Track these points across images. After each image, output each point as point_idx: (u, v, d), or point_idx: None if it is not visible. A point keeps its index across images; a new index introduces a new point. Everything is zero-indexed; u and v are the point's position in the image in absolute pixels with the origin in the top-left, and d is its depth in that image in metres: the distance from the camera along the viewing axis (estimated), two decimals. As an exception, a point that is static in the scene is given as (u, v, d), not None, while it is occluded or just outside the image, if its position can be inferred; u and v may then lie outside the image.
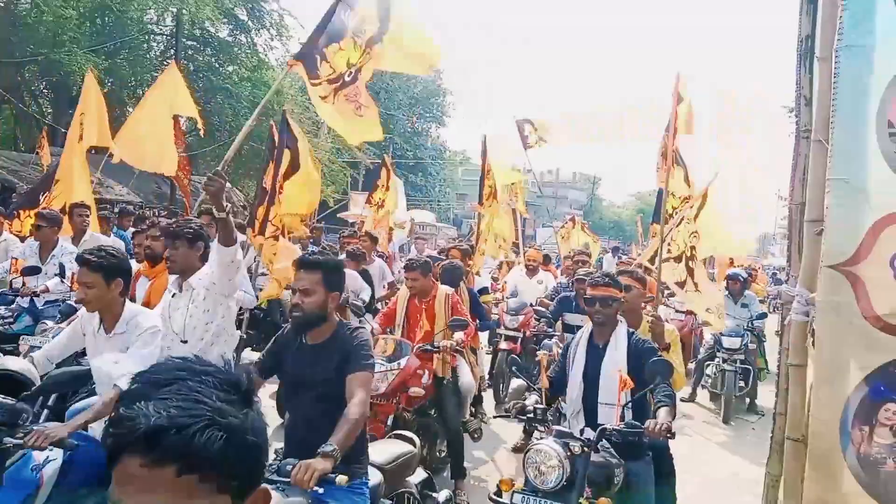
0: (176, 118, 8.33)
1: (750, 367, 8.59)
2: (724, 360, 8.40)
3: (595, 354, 3.93)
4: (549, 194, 62.65)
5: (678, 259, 7.38)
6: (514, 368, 4.18)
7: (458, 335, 5.28)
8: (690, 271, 7.30)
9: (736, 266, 21.12)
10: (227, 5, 19.98)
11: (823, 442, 2.49)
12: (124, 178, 16.19)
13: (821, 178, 2.64)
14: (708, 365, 8.82)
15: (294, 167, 6.38)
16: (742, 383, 8.66)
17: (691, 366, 9.85)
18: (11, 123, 20.61)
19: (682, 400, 8.72)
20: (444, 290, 5.67)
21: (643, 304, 5.54)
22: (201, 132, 11.23)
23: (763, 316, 9.23)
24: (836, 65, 2.50)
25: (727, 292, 8.92)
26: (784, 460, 2.93)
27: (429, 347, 5.28)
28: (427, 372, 5.24)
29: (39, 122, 17.83)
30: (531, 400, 3.91)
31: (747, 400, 8.95)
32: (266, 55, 23.23)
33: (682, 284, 7.42)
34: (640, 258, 7.63)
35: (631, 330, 4.01)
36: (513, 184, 10.24)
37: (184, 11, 16.47)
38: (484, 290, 7.81)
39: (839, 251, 2.46)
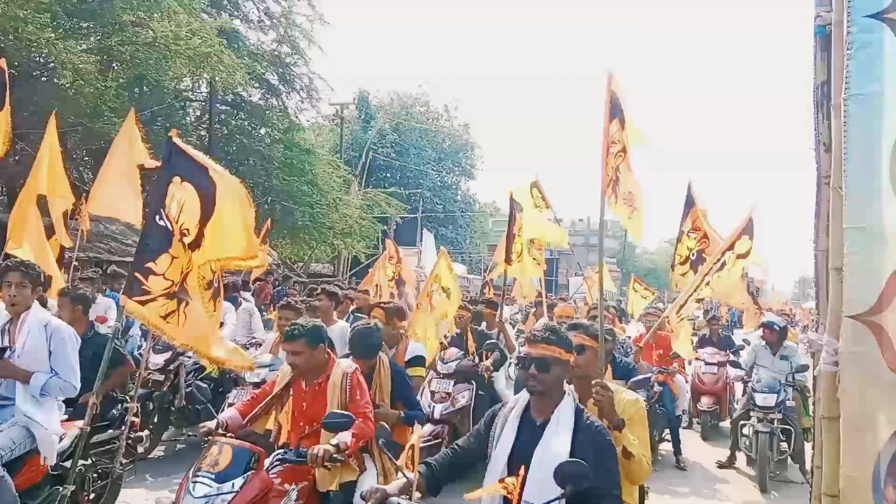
0: (140, 167, 8.21)
1: (791, 427, 7.67)
2: (759, 420, 7.59)
3: (529, 433, 2.98)
4: (580, 243, 62.51)
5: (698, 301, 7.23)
6: None
7: (342, 436, 3.77)
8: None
9: (770, 311, 20.37)
10: (258, 70, 20.61)
11: (855, 500, 2.39)
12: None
13: (840, 225, 2.61)
14: (744, 425, 7.96)
15: (207, 209, 4.79)
16: (784, 444, 7.77)
17: (725, 424, 9.42)
18: (54, 191, 21.33)
19: (718, 466, 8.29)
20: (342, 366, 4.19)
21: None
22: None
23: (804, 368, 7.95)
24: (845, 113, 2.49)
25: (763, 343, 8.31)
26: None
27: (291, 458, 3.89)
28: (296, 489, 3.74)
29: (80, 188, 18.40)
30: (391, 487, 2.87)
31: (790, 462, 8.01)
32: (297, 117, 23.81)
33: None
34: (668, 311, 7.13)
35: (581, 406, 3.08)
36: (532, 240, 9.95)
37: (216, 78, 17.01)
38: (417, 360, 6.36)
39: (860, 301, 2.41)
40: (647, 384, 5.69)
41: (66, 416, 4.76)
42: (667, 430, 8.42)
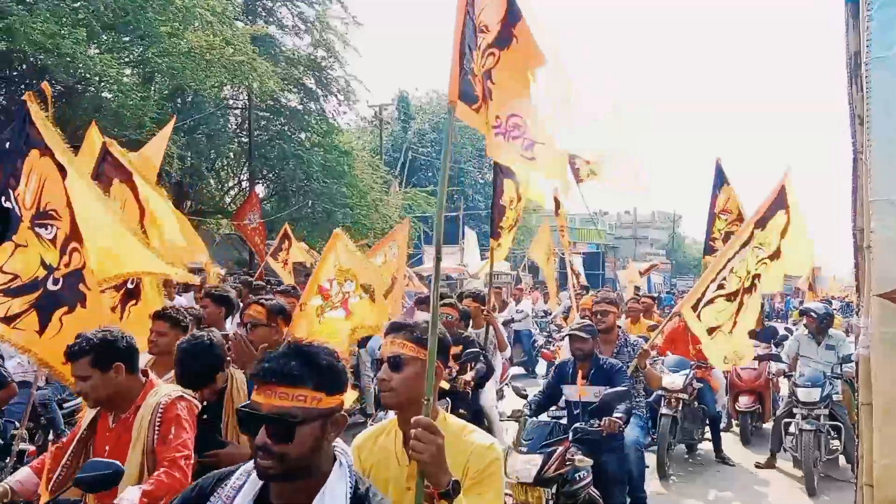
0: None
1: (840, 424, 7.01)
2: (804, 418, 6.89)
3: None
4: (628, 235, 61.56)
5: (733, 296, 5.86)
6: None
7: (126, 498, 2.68)
8: (740, 308, 5.87)
9: (826, 297, 19.13)
10: (295, 75, 20.82)
11: (888, 490, 2.24)
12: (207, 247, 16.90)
13: (872, 201, 2.46)
14: (788, 423, 7.21)
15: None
16: (835, 442, 7.13)
17: (769, 425, 8.38)
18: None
19: (757, 466, 7.62)
20: (160, 393, 3.10)
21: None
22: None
23: (852, 358, 6.97)
24: (866, 78, 2.34)
25: (806, 332, 7.61)
26: (863, 509, 2.68)
27: None
28: None
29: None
30: None
31: (843, 462, 7.29)
32: (335, 120, 24.00)
33: (713, 330, 5.87)
34: (680, 305, 6.35)
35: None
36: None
37: (254, 85, 17.25)
38: None
39: (889, 278, 2.26)
40: (628, 398, 4.78)
41: None
42: (704, 430, 8.03)
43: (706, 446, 8.09)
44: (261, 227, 15.94)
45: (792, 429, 7.08)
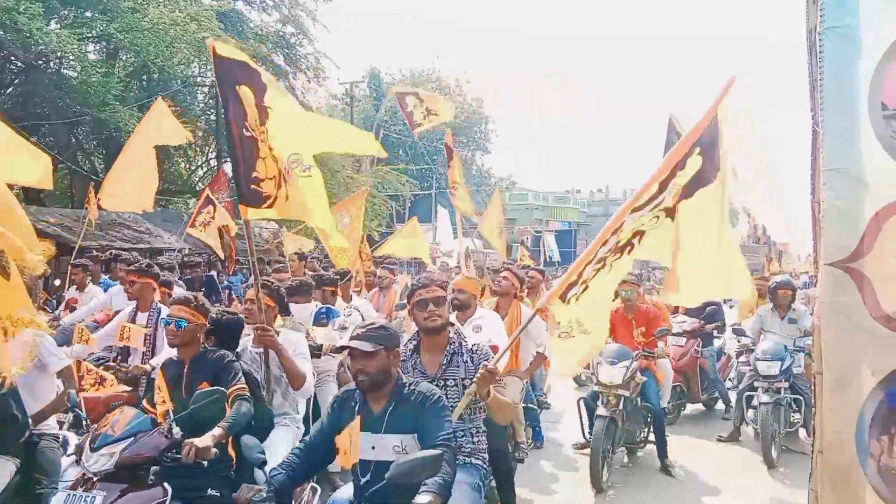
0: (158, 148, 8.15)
1: (801, 397, 7.01)
2: (765, 391, 6.89)
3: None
4: (599, 212, 61.96)
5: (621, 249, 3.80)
6: None
7: None
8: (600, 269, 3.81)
9: (793, 273, 19.02)
10: (263, 52, 20.50)
11: (840, 455, 2.28)
12: (174, 227, 16.70)
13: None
14: (750, 397, 7.22)
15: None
16: (797, 415, 7.14)
17: (694, 408, 8.25)
18: (67, 181, 21.48)
19: (719, 439, 7.52)
20: None
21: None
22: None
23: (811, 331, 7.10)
24: (819, 49, 2.35)
25: (771, 306, 7.54)
26: (816, 474, 2.72)
27: None
28: None
29: (91, 178, 18.53)
30: None
31: (801, 434, 7.28)
32: (305, 98, 23.71)
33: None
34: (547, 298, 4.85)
35: None
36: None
37: (220, 62, 16.96)
38: None
39: (840, 247, 2.28)
40: (441, 467, 2.63)
41: None
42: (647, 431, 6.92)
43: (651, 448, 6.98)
44: (229, 206, 15.72)
45: (754, 402, 7.06)
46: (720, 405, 8.90)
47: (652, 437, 6.80)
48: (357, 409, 2.94)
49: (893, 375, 2.21)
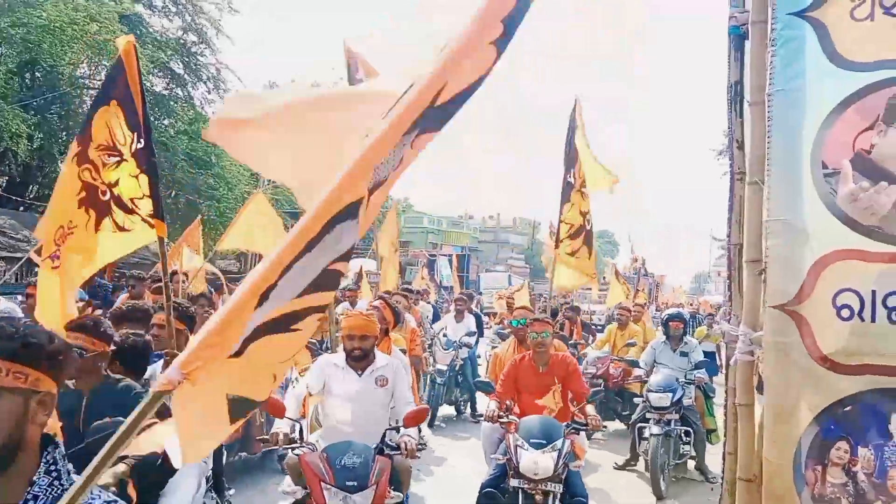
0: None
1: (691, 429, 7.27)
2: (656, 422, 7.01)
3: None
4: (489, 239, 63.42)
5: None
6: None
7: None
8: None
9: (670, 305, 20.09)
10: (162, 59, 19.77)
11: (778, 484, 2.47)
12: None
13: (757, 219, 2.68)
14: (643, 428, 7.33)
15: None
16: (686, 447, 7.35)
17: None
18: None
19: (616, 467, 7.79)
20: None
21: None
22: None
23: (703, 364, 7.73)
24: (769, 109, 2.56)
25: (665, 338, 7.90)
26: (737, 501, 2.91)
27: None
28: None
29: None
30: None
31: (690, 465, 7.61)
32: (203, 108, 23.01)
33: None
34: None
35: None
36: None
37: (117, 65, 16.21)
38: None
39: (782, 291, 2.48)
40: None
41: None
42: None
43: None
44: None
45: (645, 433, 7.20)
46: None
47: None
48: None
49: (827, 411, 2.42)
